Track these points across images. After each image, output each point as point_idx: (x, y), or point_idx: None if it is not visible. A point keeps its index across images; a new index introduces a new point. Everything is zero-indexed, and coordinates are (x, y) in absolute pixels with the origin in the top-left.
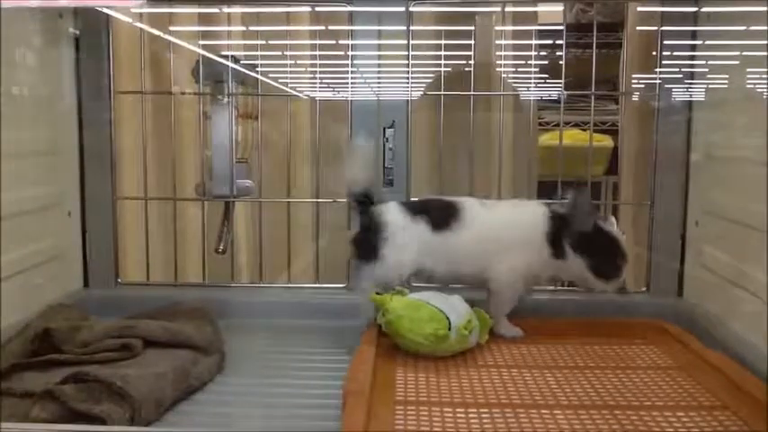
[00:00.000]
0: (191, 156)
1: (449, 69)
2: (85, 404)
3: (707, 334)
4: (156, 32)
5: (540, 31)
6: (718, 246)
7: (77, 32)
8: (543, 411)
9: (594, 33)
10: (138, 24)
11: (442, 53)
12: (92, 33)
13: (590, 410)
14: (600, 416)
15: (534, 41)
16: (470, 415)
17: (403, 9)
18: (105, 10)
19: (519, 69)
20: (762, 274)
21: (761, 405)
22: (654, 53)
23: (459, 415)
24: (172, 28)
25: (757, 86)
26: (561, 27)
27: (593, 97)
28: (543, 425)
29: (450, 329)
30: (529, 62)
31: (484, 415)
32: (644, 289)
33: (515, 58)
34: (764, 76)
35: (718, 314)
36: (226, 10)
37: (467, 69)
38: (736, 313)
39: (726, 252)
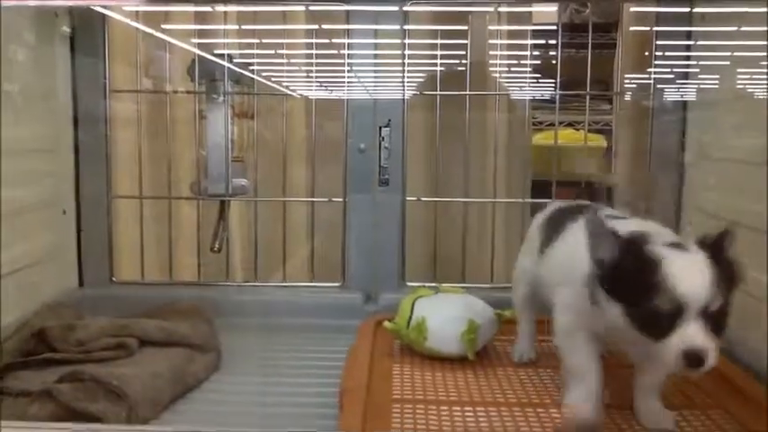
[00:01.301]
0: (186, 154)
1: (443, 69)
2: (82, 403)
3: None
4: (152, 31)
5: (534, 31)
6: None
7: (71, 31)
8: (539, 410)
9: (590, 33)
10: (134, 23)
11: (438, 53)
12: (87, 32)
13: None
14: None
15: (529, 41)
16: (467, 413)
17: (398, 8)
18: (102, 10)
19: (513, 69)
20: (755, 272)
21: (754, 403)
22: (647, 53)
23: (455, 413)
24: (167, 26)
25: (749, 87)
26: (555, 27)
27: (587, 97)
28: (539, 423)
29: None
30: (523, 62)
31: (480, 413)
32: None
33: (510, 57)
34: (758, 76)
35: None
36: (221, 8)
37: (461, 69)
38: (732, 312)
39: None
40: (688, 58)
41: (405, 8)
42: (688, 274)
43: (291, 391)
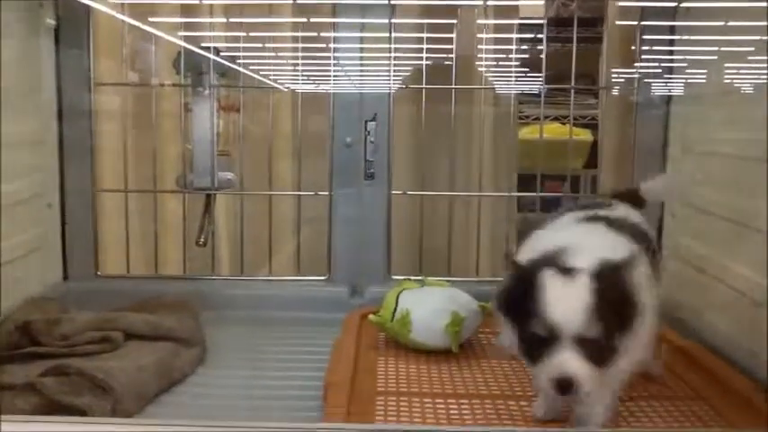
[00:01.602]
0: (171, 148)
1: (430, 63)
2: (67, 397)
3: (681, 324)
4: (137, 23)
5: (521, 25)
6: (694, 237)
7: (55, 23)
8: (522, 402)
9: (575, 28)
10: (119, 15)
11: (424, 46)
12: (72, 24)
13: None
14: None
15: (515, 35)
16: (450, 405)
17: (386, 2)
18: (86, 1)
19: (500, 63)
20: (735, 265)
21: (734, 394)
22: (633, 48)
23: (439, 405)
24: (152, 19)
25: (736, 81)
26: (542, 21)
27: (572, 91)
28: (521, 415)
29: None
30: (510, 56)
31: (464, 405)
32: None
33: (496, 51)
34: (745, 71)
35: (693, 305)
36: (207, 1)
37: (447, 63)
38: (711, 304)
39: (701, 243)
40: (671, 53)
41: (393, 2)
42: (563, 302)
43: (276, 384)
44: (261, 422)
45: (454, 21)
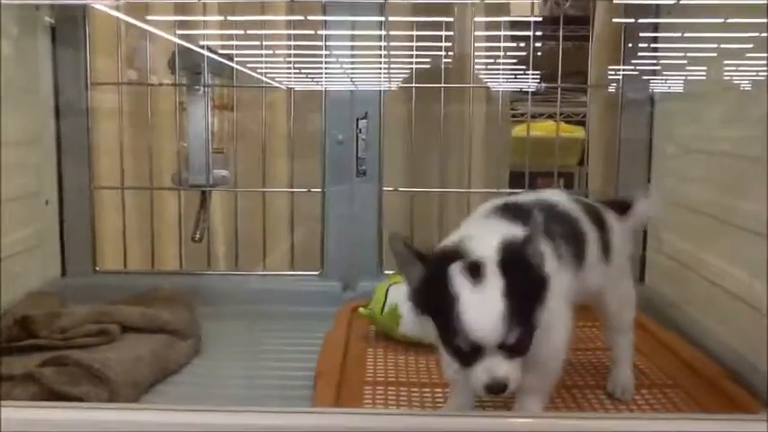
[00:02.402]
0: (167, 146)
1: (423, 61)
2: (65, 386)
3: (664, 316)
4: (134, 22)
5: (514, 23)
6: (677, 233)
7: (52, 21)
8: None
9: (561, 26)
10: (116, 14)
11: (414, 44)
12: (69, 23)
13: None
14: (557, 395)
15: (509, 33)
16: (436, 394)
17: (379, 0)
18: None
19: (494, 61)
20: (715, 259)
21: (710, 383)
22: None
23: (425, 394)
24: (148, 17)
25: (720, 79)
26: (535, 19)
27: (559, 89)
28: (504, 405)
29: None
30: (501, 54)
31: (448, 394)
32: None
33: (490, 49)
34: (728, 69)
35: (674, 298)
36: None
37: (442, 64)
38: (691, 297)
39: (683, 239)
40: (655, 50)
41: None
42: (480, 317)
43: (270, 375)
44: (253, 407)
45: (448, 19)
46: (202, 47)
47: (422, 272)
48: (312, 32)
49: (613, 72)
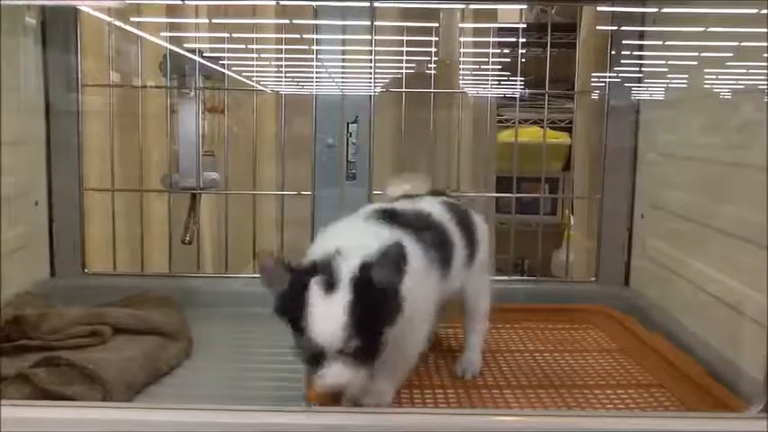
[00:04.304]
0: (157, 148)
1: (412, 66)
2: (58, 387)
3: (649, 319)
4: (123, 25)
5: (501, 29)
6: (661, 237)
7: (35, 21)
8: (494, 391)
9: (549, 33)
10: (105, 17)
11: (404, 49)
12: (58, 25)
13: (537, 390)
14: (546, 394)
15: (495, 40)
16: (426, 395)
17: (367, 4)
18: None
19: (481, 67)
20: (697, 262)
21: (694, 383)
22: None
23: (415, 396)
24: (135, 19)
25: (704, 87)
26: (522, 26)
27: (546, 96)
28: (494, 404)
29: None
30: (489, 60)
31: (438, 395)
32: (593, 278)
33: (477, 55)
34: (713, 77)
35: (658, 300)
36: (191, 2)
37: (430, 67)
38: (675, 299)
39: (667, 243)
40: (641, 57)
41: (374, 4)
42: (324, 322)
43: (261, 376)
44: (245, 406)
45: (435, 24)
46: (193, 51)
47: (288, 282)
48: (298, 36)
49: (596, 79)
